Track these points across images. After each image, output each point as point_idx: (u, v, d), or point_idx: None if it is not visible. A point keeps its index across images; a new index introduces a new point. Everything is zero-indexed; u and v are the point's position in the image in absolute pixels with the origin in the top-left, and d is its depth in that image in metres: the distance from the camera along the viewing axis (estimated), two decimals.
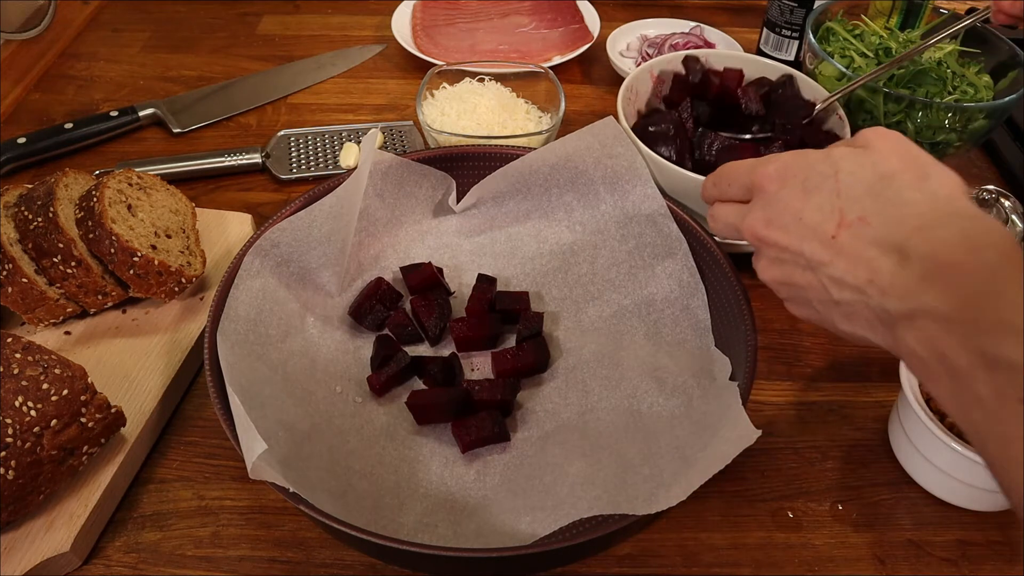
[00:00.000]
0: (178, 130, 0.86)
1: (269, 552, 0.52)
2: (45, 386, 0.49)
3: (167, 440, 0.59)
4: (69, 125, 0.82)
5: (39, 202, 0.62)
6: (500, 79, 0.83)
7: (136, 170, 0.68)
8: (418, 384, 0.60)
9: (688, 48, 0.93)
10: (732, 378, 0.55)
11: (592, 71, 0.98)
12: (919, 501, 0.56)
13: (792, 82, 0.75)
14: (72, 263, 0.60)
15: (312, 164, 0.82)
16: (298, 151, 0.83)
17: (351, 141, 0.84)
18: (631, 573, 0.52)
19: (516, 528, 0.50)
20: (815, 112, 0.71)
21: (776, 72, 0.76)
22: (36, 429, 0.48)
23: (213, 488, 0.56)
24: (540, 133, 0.75)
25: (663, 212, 0.64)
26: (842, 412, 0.61)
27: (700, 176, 0.62)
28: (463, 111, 0.78)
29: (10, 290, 0.60)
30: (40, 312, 0.61)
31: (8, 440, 0.47)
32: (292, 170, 0.81)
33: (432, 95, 0.81)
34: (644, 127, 0.70)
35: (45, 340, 0.62)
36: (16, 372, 0.49)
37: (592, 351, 0.61)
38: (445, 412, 0.56)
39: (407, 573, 0.52)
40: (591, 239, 0.67)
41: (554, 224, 0.69)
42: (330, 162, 0.82)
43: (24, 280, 0.60)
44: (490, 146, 0.69)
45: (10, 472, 0.47)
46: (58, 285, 0.61)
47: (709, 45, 0.98)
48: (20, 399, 0.48)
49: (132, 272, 0.60)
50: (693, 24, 1.01)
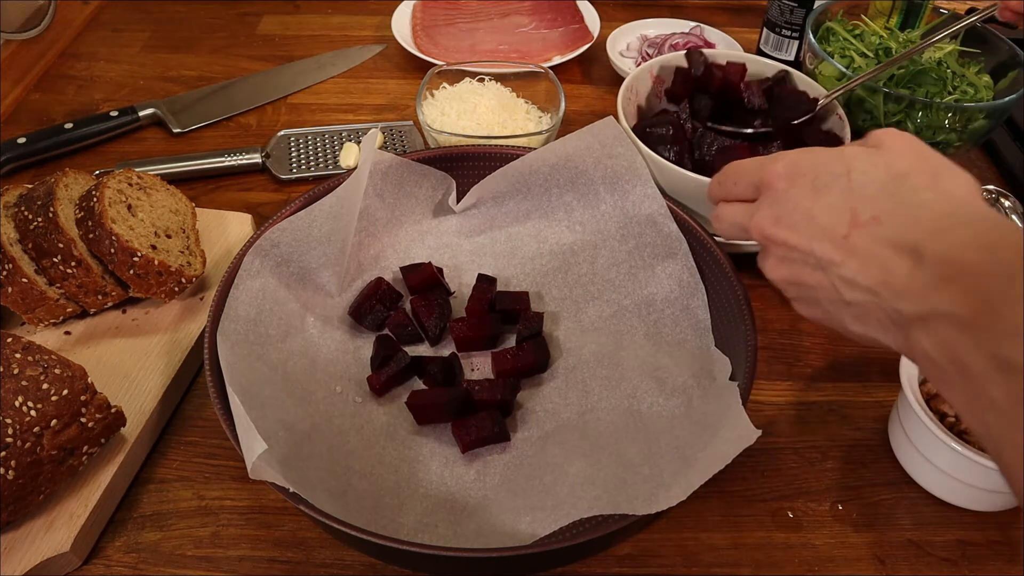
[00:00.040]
0: (178, 130, 0.86)
1: (269, 552, 0.52)
2: (45, 386, 0.49)
3: (167, 440, 0.59)
4: (69, 125, 0.82)
5: (39, 202, 0.62)
6: (500, 79, 0.83)
7: (136, 170, 0.68)
8: (418, 384, 0.60)
9: (688, 48, 0.93)
10: (732, 378, 0.55)
11: (592, 71, 0.98)
12: (919, 501, 0.56)
13: (788, 78, 0.75)
14: (72, 263, 0.60)
15: (312, 164, 0.82)
16: (298, 151, 0.83)
17: (351, 141, 0.84)
18: (631, 573, 0.52)
19: (516, 528, 0.50)
20: (817, 107, 0.71)
21: (774, 71, 0.76)
22: (36, 429, 0.48)
23: (213, 488, 0.56)
24: (540, 133, 0.75)
25: (663, 212, 0.64)
26: (842, 412, 0.61)
27: (700, 176, 0.62)
28: (463, 111, 0.78)
29: (10, 290, 0.60)
30: (40, 312, 0.61)
31: (8, 440, 0.47)
32: (292, 170, 0.81)
33: (432, 95, 0.81)
34: (644, 127, 0.70)
35: (45, 340, 0.62)
36: (16, 372, 0.49)
37: (592, 351, 0.61)
38: (445, 412, 0.56)
39: (407, 573, 0.52)
40: (591, 239, 0.67)
41: (554, 224, 0.69)
42: (330, 162, 0.82)
43: (24, 280, 0.60)
44: (490, 146, 0.69)
45: (10, 472, 0.47)
46: (58, 285, 0.61)
47: (709, 45, 0.98)
48: (20, 399, 0.48)
49: (132, 272, 0.60)
50: (693, 24, 1.01)
